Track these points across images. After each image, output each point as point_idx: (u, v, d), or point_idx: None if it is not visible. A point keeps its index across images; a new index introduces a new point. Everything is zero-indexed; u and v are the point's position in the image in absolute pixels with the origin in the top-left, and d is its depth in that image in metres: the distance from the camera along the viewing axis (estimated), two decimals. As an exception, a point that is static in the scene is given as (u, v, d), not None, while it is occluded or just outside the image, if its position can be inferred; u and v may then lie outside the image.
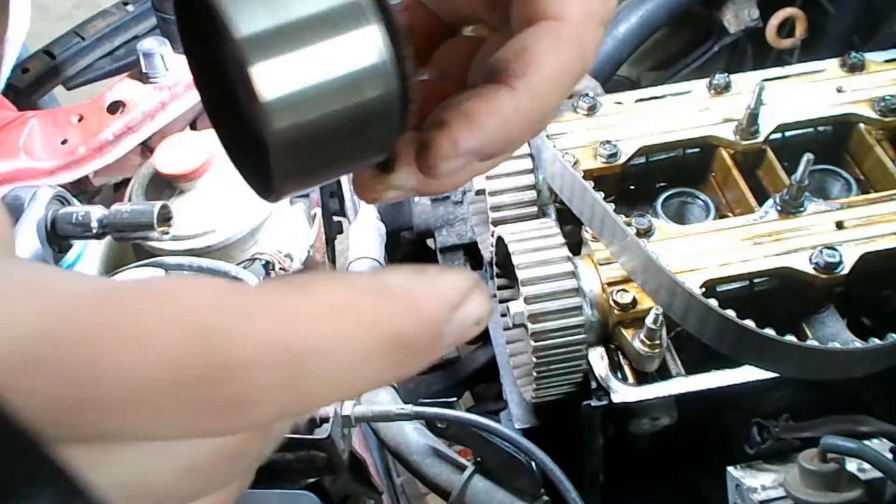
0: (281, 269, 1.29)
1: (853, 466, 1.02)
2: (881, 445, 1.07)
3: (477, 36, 0.54)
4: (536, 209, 1.31)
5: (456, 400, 1.22)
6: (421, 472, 1.23)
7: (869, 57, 1.39)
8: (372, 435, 1.35)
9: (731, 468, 1.12)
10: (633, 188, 1.37)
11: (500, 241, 1.24)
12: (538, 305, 1.13)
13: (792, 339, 1.04)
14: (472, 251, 1.62)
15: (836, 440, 0.99)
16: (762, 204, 1.22)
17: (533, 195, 1.31)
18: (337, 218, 1.80)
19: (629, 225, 1.16)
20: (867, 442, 1.03)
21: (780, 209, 1.20)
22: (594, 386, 1.17)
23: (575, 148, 1.30)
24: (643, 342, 1.13)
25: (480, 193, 1.39)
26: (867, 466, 1.01)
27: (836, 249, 1.14)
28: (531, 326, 1.13)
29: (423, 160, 0.44)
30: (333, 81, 0.38)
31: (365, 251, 1.55)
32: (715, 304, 1.05)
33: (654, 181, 1.37)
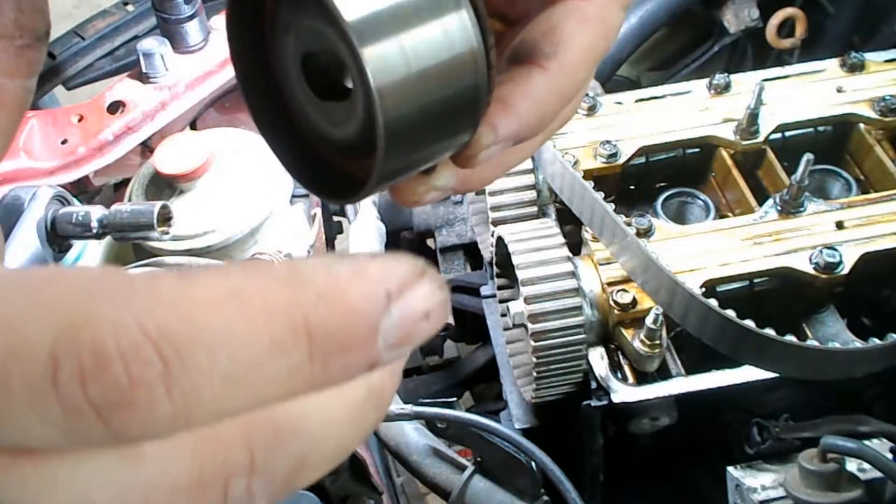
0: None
1: (853, 466, 1.02)
2: (881, 445, 1.07)
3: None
4: (536, 209, 1.31)
5: (456, 400, 1.22)
6: (421, 472, 1.23)
7: (869, 57, 1.39)
8: (372, 435, 1.35)
9: (731, 468, 1.11)
10: (633, 188, 1.37)
11: (500, 241, 1.24)
12: (538, 305, 1.13)
13: (792, 339, 1.04)
14: (472, 251, 1.62)
15: (836, 440, 0.99)
16: (762, 204, 1.22)
17: (533, 195, 1.31)
18: (337, 218, 1.81)
19: (629, 225, 1.16)
20: (867, 442, 1.03)
21: (780, 209, 1.20)
22: (594, 386, 1.17)
23: (575, 148, 1.30)
24: (643, 342, 1.13)
25: (480, 193, 1.39)
26: (867, 466, 1.01)
27: (836, 249, 1.14)
28: (531, 326, 1.13)
29: (461, 152, 0.43)
30: (435, 68, 0.39)
31: (365, 251, 1.55)
32: (715, 304, 1.05)
33: (654, 181, 1.37)
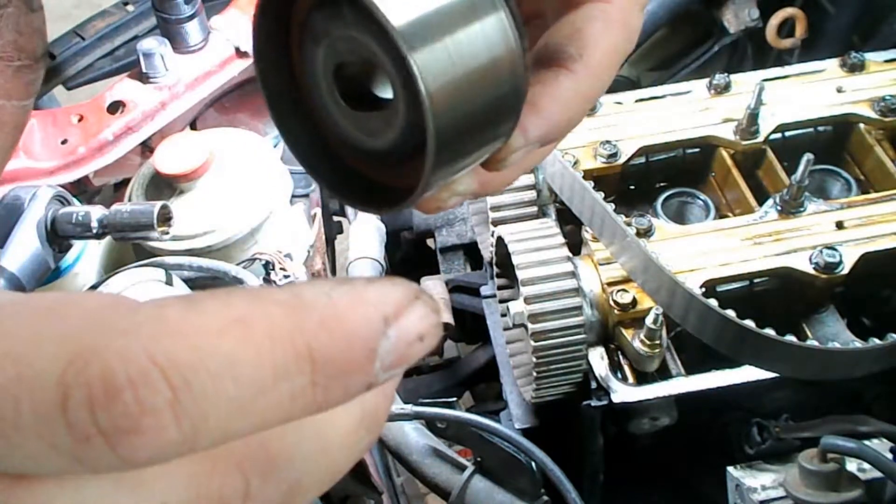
0: (281, 269, 1.29)
1: (853, 466, 1.02)
2: (881, 445, 1.07)
3: None
4: (536, 209, 1.32)
5: (456, 400, 1.22)
6: (421, 472, 1.23)
7: (869, 57, 1.39)
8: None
9: (731, 468, 1.11)
10: (633, 188, 1.37)
11: (500, 241, 1.24)
12: (538, 305, 1.13)
13: (792, 339, 1.04)
14: (472, 251, 1.62)
15: (836, 440, 0.99)
16: (762, 204, 1.22)
17: (533, 195, 1.31)
18: (337, 218, 1.81)
19: (629, 225, 1.16)
20: (867, 442, 1.03)
21: (780, 209, 1.20)
22: (594, 386, 1.17)
23: (575, 148, 1.30)
24: (643, 342, 1.13)
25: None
26: (867, 466, 1.01)
27: (836, 249, 1.14)
28: (531, 326, 1.13)
29: (491, 156, 0.44)
30: (477, 72, 0.39)
31: (365, 251, 1.55)
32: (715, 304, 1.05)
33: (654, 181, 1.37)
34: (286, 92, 0.44)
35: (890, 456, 1.02)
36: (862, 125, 1.32)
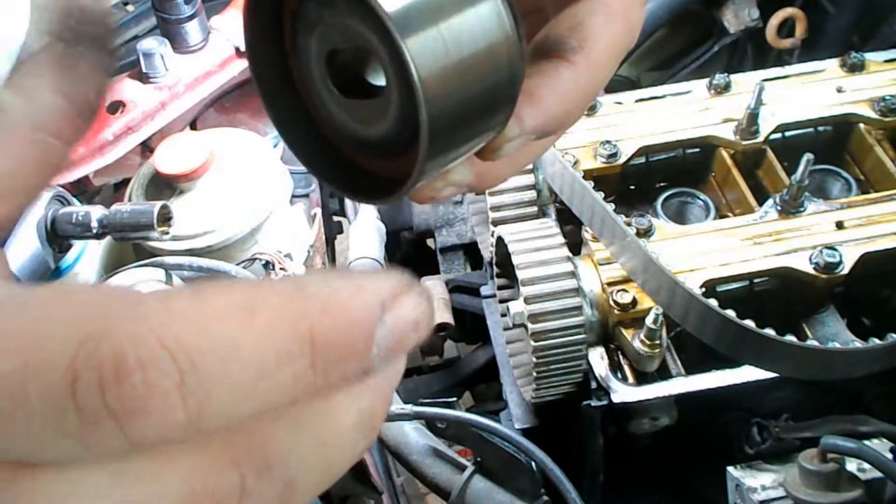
0: (281, 268, 1.29)
1: (853, 466, 1.02)
2: (881, 445, 1.07)
3: None
4: (536, 209, 1.31)
5: (456, 400, 1.22)
6: (421, 472, 1.23)
7: (869, 57, 1.39)
8: (372, 435, 1.35)
9: (731, 468, 1.11)
10: (633, 188, 1.37)
11: (500, 241, 1.24)
12: (538, 305, 1.13)
13: (792, 339, 1.04)
14: (472, 251, 1.62)
15: (836, 440, 0.99)
16: (762, 204, 1.22)
17: (533, 195, 1.31)
18: (337, 218, 1.81)
19: (629, 225, 1.16)
20: (867, 442, 1.03)
21: (780, 209, 1.20)
22: (594, 386, 1.17)
23: (575, 148, 1.30)
24: (643, 342, 1.13)
25: (480, 193, 1.39)
26: (867, 466, 1.01)
27: (836, 249, 1.14)
28: (531, 326, 1.13)
29: (486, 145, 0.43)
30: (472, 58, 0.38)
31: (365, 251, 1.55)
32: (715, 304, 1.05)
33: (654, 181, 1.37)
34: (279, 83, 0.43)
35: (890, 456, 1.02)
36: (862, 125, 1.32)
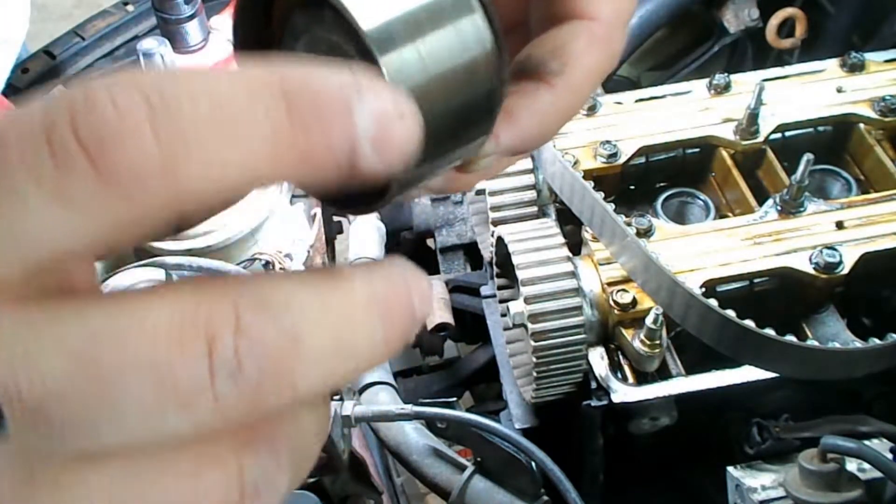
0: (281, 268, 1.29)
1: (853, 466, 1.02)
2: (881, 445, 1.07)
3: None
4: (536, 209, 1.31)
5: (456, 400, 1.22)
6: (421, 472, 1.23)
7: (869, 57, 1.39)
8: (372, 435, 1.35)
9: (731, 468, 1.11)
10: (633, 188, 1.37)
11: (500, 241, 1.24)
12: (538, 305, 1.13)
13: (792, 339, 1.04)
14: (472, 251, 1.62)
15: (836, 440, 0.99)
16: (762, 204, 1.22)
17: (533, 195, 1.31)
18: (337, 218, 1.80)
19: (629, 225, 1.16)
20: (867, 442, 1.03)
21: (780, 209, 1.20)
22: (594, 386, 1.17)
23: (575, 148, 1.30)
24: (643, 342, 1.13)
25: (480, 193, 1.39)
26: (867, 466, 1.01)
27: (836, 249, 1.14)
28: (531, 326, 1.13)
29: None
30: (451, 74, 0.38)
31: (365, 251, 1.55)
32: (715, 304, 1.05)
33: (654, 181, 1.37)
34: None
35: (890, 456, 1.02)
36: (862, 125, 1.32)
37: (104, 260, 1.29)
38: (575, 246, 1.26)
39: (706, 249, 1.17)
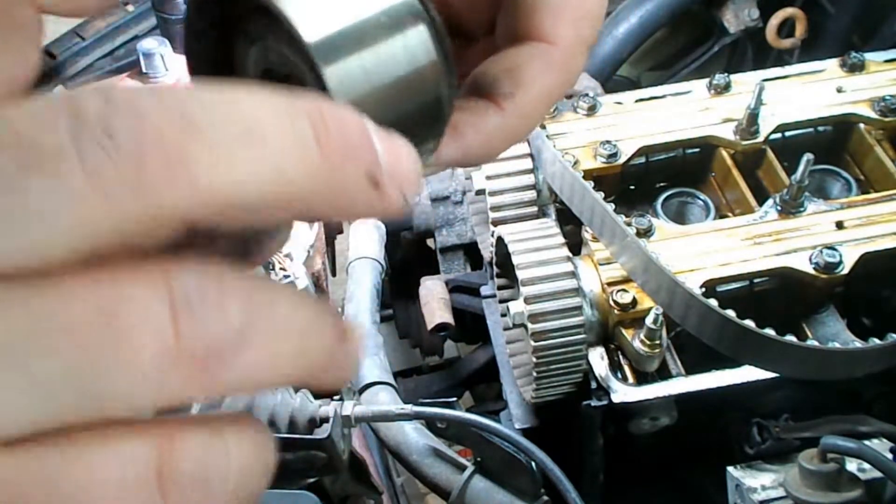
0: (281, 268, 1.29)
1: (853, 466, 1.02)
2: (881, 445, 1.07)
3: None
4: (536, 209, 1.31)
5: (456, 400, 1.22)
6: (421, 472, 1.23)
7: (869, 57, 1.39)
8: (372, 435, 1.35)
9: (731, 468, 1.11)
10: (633, 188, 1.37)
11: (500, 241, 1.24)
12: (538, 305, 1.13)
13: (792, 339, 1.04)
14: (472, 251, 1.62)
15: (836, 440, 0.99)
16: (762, 204, 1.22)
17: (533, 195, 1.31)
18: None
19: (629, 225, 1.16)
20: (867, 442, 1.03)
21: (780, 209, 1.20)
22: (594, 386, 1.17)
23: (575, 148, 1.30)
24: (643, 342, 1.13)
25: (480, 193, 1.39)
26: (867, 466, 1.01)
27: (836, 249, 1.14)
28: (531, 326, 1.13)
29: None
30: (396, 84, 0.39)
31: (365, 251, 1.55)
32: (715, 304, 1.05)
33: (654, 181, 1.37)
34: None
35: (890, 456, 1.02)
36: (862, 125, 1.32)
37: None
38: (575, 246, 1.26)
39: (706, 249, 1.17)
